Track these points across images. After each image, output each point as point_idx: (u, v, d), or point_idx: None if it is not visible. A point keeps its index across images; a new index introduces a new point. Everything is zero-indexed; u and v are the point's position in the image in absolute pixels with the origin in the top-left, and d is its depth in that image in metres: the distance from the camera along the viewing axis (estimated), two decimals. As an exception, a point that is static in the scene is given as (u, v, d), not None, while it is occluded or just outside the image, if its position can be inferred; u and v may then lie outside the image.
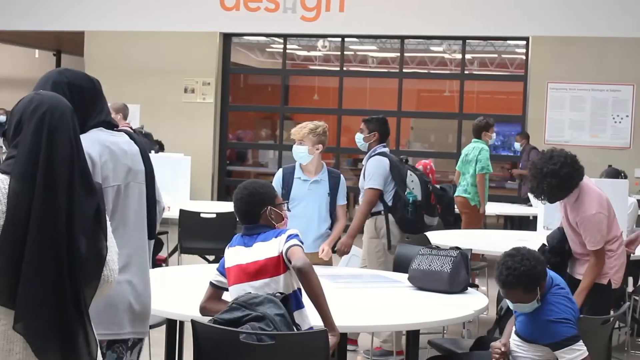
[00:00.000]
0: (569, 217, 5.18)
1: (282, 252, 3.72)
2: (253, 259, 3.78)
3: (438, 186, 6.95)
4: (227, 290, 3.91)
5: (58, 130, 2.38)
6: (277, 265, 3.74)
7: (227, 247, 3.96)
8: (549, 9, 13.52)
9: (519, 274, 4.00)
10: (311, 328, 3.70)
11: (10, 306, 2.24)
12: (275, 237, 3.79)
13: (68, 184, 2.34)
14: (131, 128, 11.00)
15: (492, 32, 14.10)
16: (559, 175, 4.96)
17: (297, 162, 5.90)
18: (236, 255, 3.87)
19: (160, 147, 13.89)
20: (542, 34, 13.59)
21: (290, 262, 3.69)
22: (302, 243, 3.78)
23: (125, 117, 10.65)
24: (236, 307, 3.57)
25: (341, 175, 5.99)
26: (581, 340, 4.05)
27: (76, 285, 2.31)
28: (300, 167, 5.90)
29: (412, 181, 6.57)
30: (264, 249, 3.78)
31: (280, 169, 6.06)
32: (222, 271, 3.92)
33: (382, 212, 6.57)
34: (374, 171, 6.58)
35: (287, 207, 5.71)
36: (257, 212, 3.92)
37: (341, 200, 5.92)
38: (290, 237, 3.76)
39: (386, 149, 6.81)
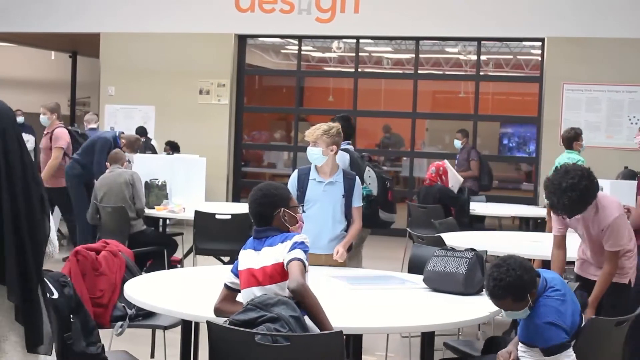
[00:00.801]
0: (591, 231, 5.19)
1: (284, 262, 3.75)
2: (261, 264, 3.81)
3: (454, 191, 6.97)
4: (240, 292, 3.92)
5: (8, 130, 2.70)
6: (284, 271, 3.76)
7: (242, 248, 3.97)
8: (564, 10, 13.48)
9: (505, 285, 4.00)
10: None
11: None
12: (282, 242, 3.81)
13: (22, 176, 2.67)
14: (68, 128, 11.02)
15: (508, 33, 14.07)
16: (578, 189, 4.96)
17: (312, 164, 5.89)
18: (248, 258, 3.89)
19: (175, 149, 13.96)
20: (557, 35, 13.55)
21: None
22: (308, 250, 3.79)
23: (59, 117, 10.61)
24: (251, 308, 3.58)
25: (356, 177, 5.95)
26: (571, 349, 4.05)
27: (39, 259, 2.72)
28: (316, 169, 5.86)
29: (370, 177, 6.87)
30: (271, 254, 3.80)
31: (296, 171, 6.03)
32: (236, 273, 3.93)
33: None
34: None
35: (302, 210, 5.72)
36: (270, 214, 3.93)
37: (356, 202, 5.88)
38: (294, 245, 3.77)
39: (350, 146, 7.17)
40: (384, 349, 6.57)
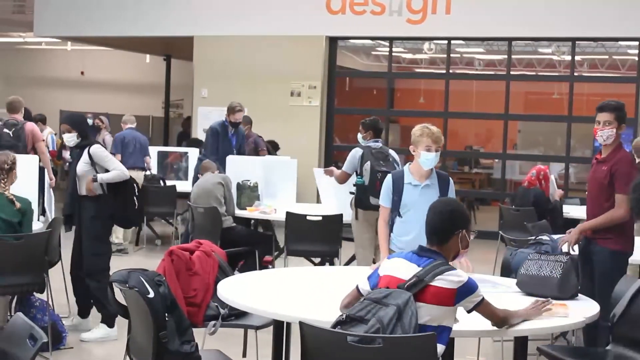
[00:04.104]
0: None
1: (467, 304, 3.76)
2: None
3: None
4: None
5: None
6: (439, 295, 3.67)
7: (387, 257, 3.96)
8: (662, 8, 13.15)
9: None
10: None
11: None
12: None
13: None
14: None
15: (603, 33, 13.77)
16: None
17: (406, 167, 5.81)
18: (394, 267, 3.81)
19: (276, 148, 14.10)
20: (654, 34, 13.23)
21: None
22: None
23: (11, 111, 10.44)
24: (368, 303, 3.58)
25: (450, 178, 5.86)
26: None
27: None
28: (410, 172, 5.73)
29: (366, 170, 7.86)
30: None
31: (389, 175, 5.96)
32: (370, 280, 3.87)
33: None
34: (347, 159, 8.15)
35: (399, 214, 5.68)
36: (451, 231, 3.86)
37: None
38: (475, 288, 3.75)
39: (378, 144, 8.12)
40: (475, 353, 6.51)
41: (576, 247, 5.60)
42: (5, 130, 9.91)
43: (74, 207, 6.96)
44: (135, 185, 7.03)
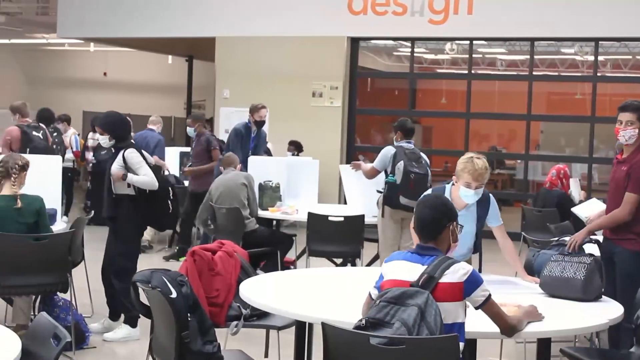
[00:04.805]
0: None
1: (475, 299, 3.71)
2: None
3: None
4: None
5: None
6: (448, 290, 3.65)
7: (387, 260, 3.92)
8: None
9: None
10: None
11: None
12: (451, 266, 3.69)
13: None
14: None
15: (626, 33, 13.67)
16: None
17: (448, 187, 5.46)
18: (396, 270, 3.78)
19: (299, 148, 14.10)
20: (679, 34, 13.14)
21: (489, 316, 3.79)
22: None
23: (23, 115, 10.39)
24: (385, 305, 3.57)
25: (490, 196, 5.56)
26: None
27: None
28: (451, 195, 5.35)
29: (398, 169, 7.91)
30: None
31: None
32: (378, 286, 3.86)
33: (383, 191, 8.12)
34: (379, 156, 8.20)
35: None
36: (444, 224, 3.84)
37: (495, 222, 5.57)
38: (481, 280, 3.72)
39: (409, 144, 8.20)
40: (497, 354, 6.49)
41: (587, 247, 5.53)
42: (35, 133, 9.92)
43: (115, 207, 6.90)
44: (170, 189, 7.04)
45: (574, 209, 9.07)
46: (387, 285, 3.72)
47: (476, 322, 3.87)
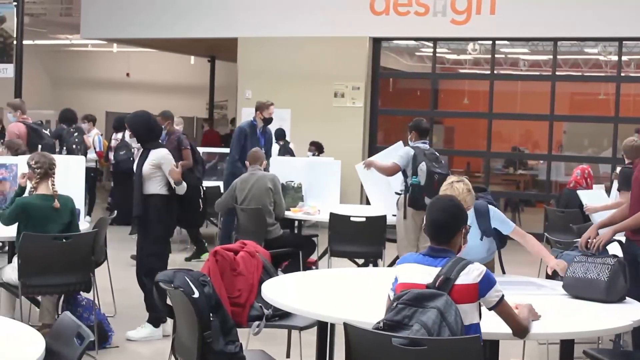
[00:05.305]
0: None
1: (489, 299, 3.69)
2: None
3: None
4: None
5: None
6: (464, 292, 3.63)
7: (399, 262, 3.89)
8: None
9: None
10: None
11: None
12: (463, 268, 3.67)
13: None
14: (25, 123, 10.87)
15: (651, 32, 13.60)
16: None
17: None
18: (408, 274, 3.75)
19: (320, 149, 14.11)
20: None
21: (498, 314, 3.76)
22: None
23: (23, 113, 10.40)
24: (402, 308, 3.56)
25: (487, 207, 5.52)
26: None
27: None
28: None
29: (422, 170, 7.95)
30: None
31: None
32: (394, 290, 3.83)
33: (402, 192, 8.13)
34: (401, 154, 8.19)
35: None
36: (457, 227, 3.81)
37: (506, 229, 5.52)
38: (494, 281, 3.70)
39: (425, 145, 8.24)
40: (520, 355, 6.46)
41: (611, 247, 5.49)
42: (44, 130, 10.02)
43: (145, 207, 6.86)
44: (201, 187, 7.05)
45: (580, 192, 9.14)
46: (402, 288, 3.69)
47: (499, 323, 3.85)
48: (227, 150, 13.43)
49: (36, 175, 6.32)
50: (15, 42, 14.09)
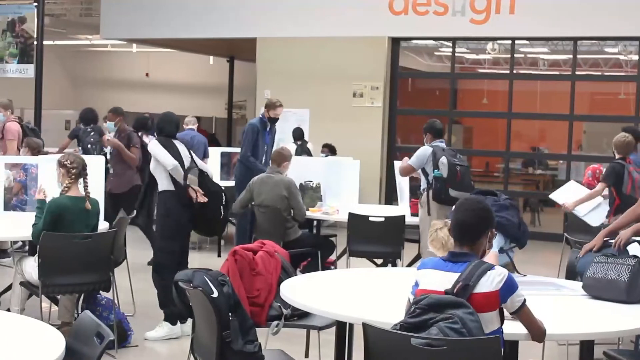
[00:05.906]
0: None
1: (511, 305, 3.63)
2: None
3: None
4: None
5: None
6: (484, 301, 3.57)
7: (420, 268, 3.82)
8: None
9: None
10: None
11: None
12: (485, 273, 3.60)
13: None
14: (20, 123, 10.93)
15: (672, 31, 13.51)
16: None
17: None
18: (426, 280, 3.70)
19: (333, 151, 14.12)
20: None
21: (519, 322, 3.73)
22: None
23: (12, 112, 10.46)
24: (422, 312, 3.54)
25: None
26: None
27: None
28: None
29: (443, 163, 8.07)
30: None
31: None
32: (414, 294, 3.78)
33: (425, 190, 8.22)
34: (416, 154, 8.36)
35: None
36: (483, 230, 3.74)
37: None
38: (516, 286, 3.62)
39: (442, 144, 8.39)
40: (539, 356, 6.44)
41: (630, 248, 5.46)
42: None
43: (159, 203, 6.93)
44: (223, 194, 7.02)
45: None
46: (421, 294, 3.65)
47: (518, 324, 3.84)
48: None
49: (70, 176, 6.31)
50: (35, 43, 14.18)
